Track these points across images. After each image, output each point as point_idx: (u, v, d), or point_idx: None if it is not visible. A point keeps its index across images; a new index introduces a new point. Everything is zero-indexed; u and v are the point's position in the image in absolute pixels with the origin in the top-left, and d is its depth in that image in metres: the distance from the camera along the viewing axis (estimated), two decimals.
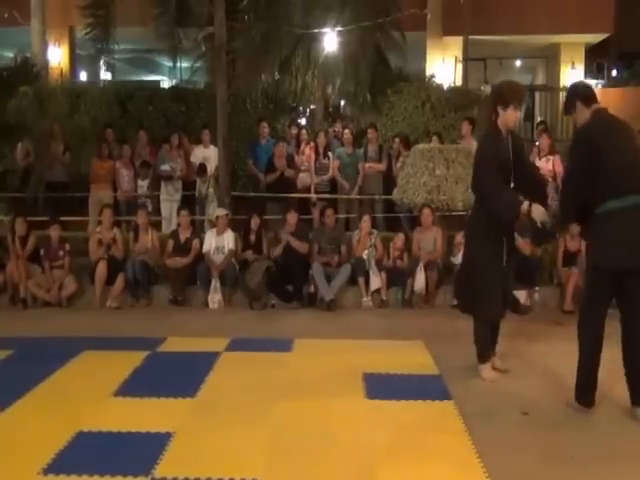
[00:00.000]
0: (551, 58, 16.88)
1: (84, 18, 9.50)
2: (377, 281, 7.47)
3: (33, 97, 10.90)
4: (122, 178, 9.64)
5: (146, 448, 3.81)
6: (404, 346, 5.81)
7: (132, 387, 4.82)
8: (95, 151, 9.87)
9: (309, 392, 4.70)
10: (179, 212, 8.26)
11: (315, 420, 4.21)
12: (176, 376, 5.09)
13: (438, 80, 12.41)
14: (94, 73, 16.80)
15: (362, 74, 11.36)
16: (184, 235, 7.92)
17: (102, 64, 10.30)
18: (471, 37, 13.53)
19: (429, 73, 13.48)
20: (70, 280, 7.57)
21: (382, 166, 9.64)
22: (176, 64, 11.22)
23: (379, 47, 11.90)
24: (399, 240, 7.78)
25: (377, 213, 9.28)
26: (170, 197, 9.58)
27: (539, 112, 15.92)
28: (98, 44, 9.58)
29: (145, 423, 4.14)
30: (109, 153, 9.76)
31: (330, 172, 9.53)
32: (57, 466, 3.58)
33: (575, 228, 6.94)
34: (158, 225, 9.15)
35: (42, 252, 7.67)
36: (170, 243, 7.87)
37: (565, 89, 14.97)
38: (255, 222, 7.85)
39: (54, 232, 7.72)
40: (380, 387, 4.77)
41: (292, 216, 7.81)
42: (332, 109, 12.96)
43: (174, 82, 15.37)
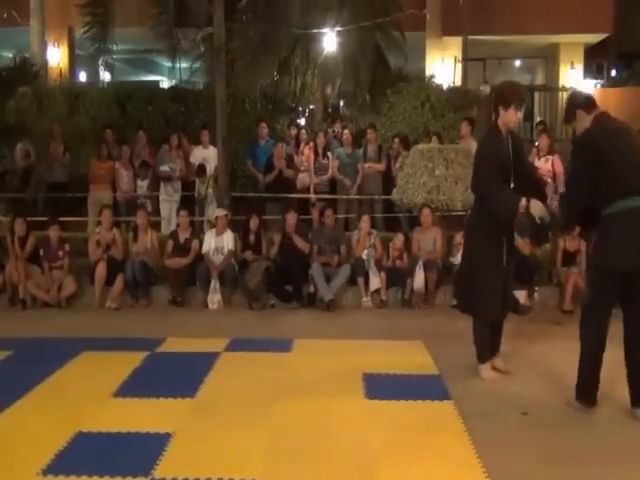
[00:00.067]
0: (550, 58, 16.89)
1: (83, 16, 9.50)
2: (376, 281, 7.47)
3: (32, 97, 10.92)
4: (121, 178, 9.64)
5: (146, 448, 3.81)
6: (404, 346, 5.81)
7: (131, 387, 4.81)
8: (94, 151, 9.88)
9: (309, 392, 4.70)
10: (178, 212, 8.27)
11: (315, 420, 4.21)
12: (175, 376, 5.08)
13: (437, 80, 12.43)
14: (93, 73, 16.79)
15: (361, 74, 11.37)
16: (183, 235, 7.92)
17: (101, 64, 10.24)
18: (470, 37, 13.53)
19: (428, 73, 13.51)
20: (69, 281, 7.56)
21: (381, 166, 9.64)
22: (175, 64, 11.22)
23: (378, 47, 11.92)
24: (398, 240, 7.78)
25: (376, 213, 9.28)
26: (169, 197, 9.58)
27: (538, 112, 15.93)
28: (97, 43, 9.57)
29: (145, 423, 4.14)
30: (108, 153, 9.76)
31: (329, 172, 9.54)
32: (56, 467, 3.58)
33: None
34: (157, 225, 9.14)
35: (41, 253, 7.67)
36: (169, 244, 7.87)
37: (564, 89, 15.09)
38: (254, 222, 7.85)
39: (53, 232, 7.71)
40: (380, 387, 4.76)
41: (291, 216, 7.81)
42: (331, 109, 12.97)
43: (173, 82, 15.39)
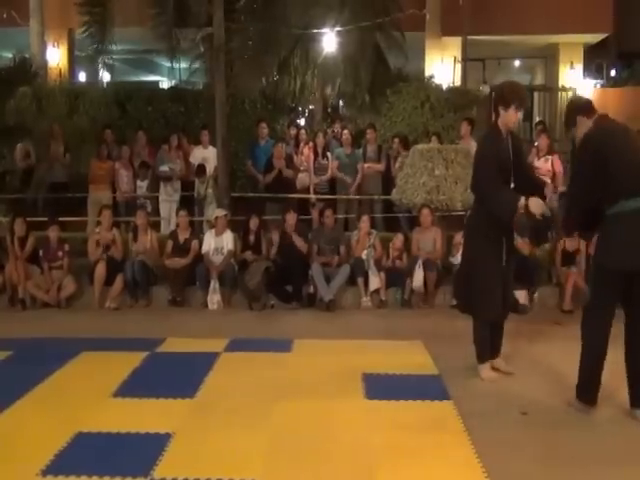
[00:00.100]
0: (550, 58, 16.88)
1: (81, 15, 9.50)
2: (376, 281, 7.46)
3: (32, 98, 10.91)
4: (121, 179, 9.63)
5: (145, 449, 3.81)
6: (403, 346, 5.81)
7: (131, 388, 4.82)
8: (94, 152, 9.87)
9: (308, 392, 4.70)
10: (178, 213, 8.27)
11: (314, 420, 4.21)
12: (175, 377, 5.08)
13: (437, 80, 12.45)
14: (93, 74, 16.78)
15: (361, 74, 11.39)
16: (183, 236, 7.92)
17: (101, 65, 10.24)
18: (470, 37, 13.53)
19: (428, 73, 13.54)
20: (69, 281, 7.56)
21: (381, 166, 9.65)
22: (175, 65, 11.21)
23: (378, 47, 11.92)
24: (398, 240, 7.78)
25: (376, 213, 9.28)
26: (169, 198, 9.57)
27: (538, 112, 15.93)
28: (96, 43, 9.56)
29: (144, 424, 4.14)
30: (108, 154, 9.76)
31: (329, 172, 9.54)
32: (56, 467, 3.58)
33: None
34: (157, 226, 9.14)
35: (41, 253, 7.66)
36: (169, 244, 7.86)
37: (564, 89, 15.11)
38: (254, 223, 7.85)
39: (53, 233, 7.71)
40: (379, 387, 4.77)
41: (291, 216, 7.81)
42: (331, 109, 12.98)
43: (173, 83, 15.38)
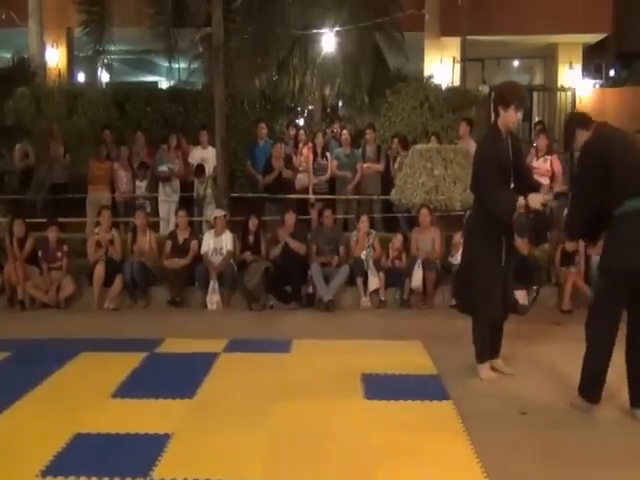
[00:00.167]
0: (549, 58, 16.88)
1: (79, 14, 9.49)
2: (375, 281, 7.46)
3: (31, 98, 10.90)
4: (120, 179, 9.63)
5: (144, 449, 3.81)
6: (402, 346, 5.81)
7: (130, 388, 4.82)
8: (93, 152, 9.87)
9: (308, 393, 4.70)
10: (177, 213, 8.26)
11: (314, 421, 4.21)
12: (174, 377, 5.08)
13: (436, 80, 12.44)
14: (92, 74, 16.77)
15: (360, 75, 11.37)
16: (182, 236, 7.91)
17: (99, 65, 10.23)
18: (469, 37, 13.52)
19: (427, 73, 13.53)
20: (68, 281, 7.56)
21: (380, 166, 9.65)
22: (173, 65, 11.21)
23: (377, 47, 11.92)
24: (397, 240, 7.78)
25: (375, 213, 9.28)
26: (168, 198, 9.57)
27: (537, 112, 15.92)
28: (94, 43, 9.56)
29: (143, 424, 4.14)
30: (107, 154, 9.76)
31: (328, 173, 9.54)
32: (55, 468, 3.58)
33: None
34: (156, 226, 9.13)
35: (40, 254, 7.66)
36: (168, 244, 7.86)
37: (563, 89, 15.11)
38: (253, 223, 7.85)
39: (52, 233, 7.70)
40: (379, 387, 4.77)
41: (290, 217, 7.81)
42: (330, 110, 12.97)
43: (172, 83, 15.37)
